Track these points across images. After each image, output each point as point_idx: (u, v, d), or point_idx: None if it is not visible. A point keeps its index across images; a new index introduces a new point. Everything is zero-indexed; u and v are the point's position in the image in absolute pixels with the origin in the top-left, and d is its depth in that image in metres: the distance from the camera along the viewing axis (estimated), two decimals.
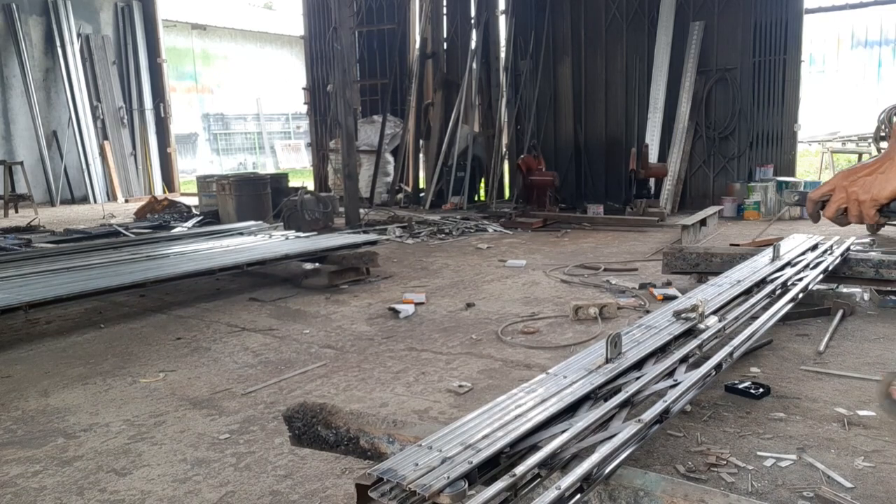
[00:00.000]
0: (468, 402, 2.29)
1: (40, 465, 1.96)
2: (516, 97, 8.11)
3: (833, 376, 2.37)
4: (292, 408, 1.69)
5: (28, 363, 2.92)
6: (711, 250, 3.62)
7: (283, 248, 4.37)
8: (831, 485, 1.66)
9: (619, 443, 1.35)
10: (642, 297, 3.62)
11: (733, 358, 1.99)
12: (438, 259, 5.01)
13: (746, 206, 6.60)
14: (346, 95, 6.27)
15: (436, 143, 8.45)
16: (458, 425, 1.46)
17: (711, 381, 1.92)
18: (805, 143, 9.61)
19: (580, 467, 1.25)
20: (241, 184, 6.92)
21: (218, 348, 3.02)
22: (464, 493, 1.21)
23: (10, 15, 10.15)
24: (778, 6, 6.69)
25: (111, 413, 2.32)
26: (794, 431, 1.96)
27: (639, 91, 7.47)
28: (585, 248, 5.27)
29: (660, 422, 1.52)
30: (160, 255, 4.23)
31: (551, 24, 7.85)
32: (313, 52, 9.89)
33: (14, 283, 3.48)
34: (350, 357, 2.84)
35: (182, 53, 16.82)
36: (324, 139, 9.86)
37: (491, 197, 7.95)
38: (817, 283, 2.96)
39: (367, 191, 8.55)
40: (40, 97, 10.54)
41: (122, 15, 11.49)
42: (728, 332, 2.22)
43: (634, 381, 1.70)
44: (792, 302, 2.54)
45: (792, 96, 6.82)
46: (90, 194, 10.89)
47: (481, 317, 3.40)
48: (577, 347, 2.80)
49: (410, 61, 8.90)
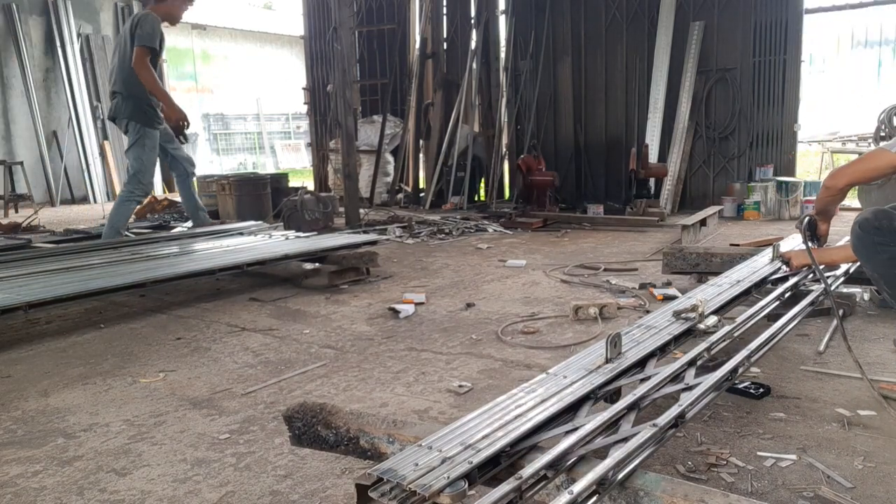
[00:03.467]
0: (468, 402, 2.29)
1: (40, 465, 1.96)
2: (516, 97, 8.11)
3: (833, 376, 2.37)
4: (292, 408, 1.69)
5: (28, 363, 2.92)
6: (711, 250, 3.62)
7: (283, 248, 4.37)
8: (831, 485, 1.66)
9: (633, 447, 1.34)
10: (642, 297, 3.62)
11: (750, 362, 1.96)
12: (438, 259, 5.01)
13: (746, 206, 6.60)
14: (346, 95, 6.27)
15: (436, 143, 8.45)
16: (458, 425, 1.46)
17: (727, 386, 1.90)
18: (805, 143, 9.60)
19: (594, 471, 1.24)
20: (241, 184, 6.92)
21: (218, 348, 3.02)
22: (464, 493, 1.21)
23: (10, 15, 10.15)
24: (778, 6, 6.69)
25: (111, 413, 2.32)
26: (794, 431, 1.96)
27: (639, 91, 7.47)
28: (585, 248, 5.27)
29: (675, 426, 1.51)
30: (160, 255, 4.23)
31: (551, 24, 7.85)
32: (313, 52, 9.89)
33: (14, 283, 3.48)
34: (350, 357, 2.84)
35: (182, 53, 16.81)
36: (324, 139, 9.86)
37: (491, 197, 7.95)
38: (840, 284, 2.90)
39: (367, 191, 8.55)
40: (40, 97, 10.55)
41: (122, 15, 11.49)
42: (737, 336, 2.20)
43: (640, 384, 1.69)
44: (812, 305, 2.51)
45: (792, 96, 6.82)
46: (90, 194, 10.89)
47: (481, 317, 3.40)
48: (577, 347, 2.80)
49: (410, 61, 8.90)
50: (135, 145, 5.05)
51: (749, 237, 5.35)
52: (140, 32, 4.86)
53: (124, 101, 5.01)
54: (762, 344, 2.03)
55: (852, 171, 2.47)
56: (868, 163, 2.39)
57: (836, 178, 2.51)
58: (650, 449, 1.40)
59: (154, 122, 5.09)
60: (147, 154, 5.08)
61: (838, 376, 2.37)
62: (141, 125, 5.02)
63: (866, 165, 2.41)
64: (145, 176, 5.10)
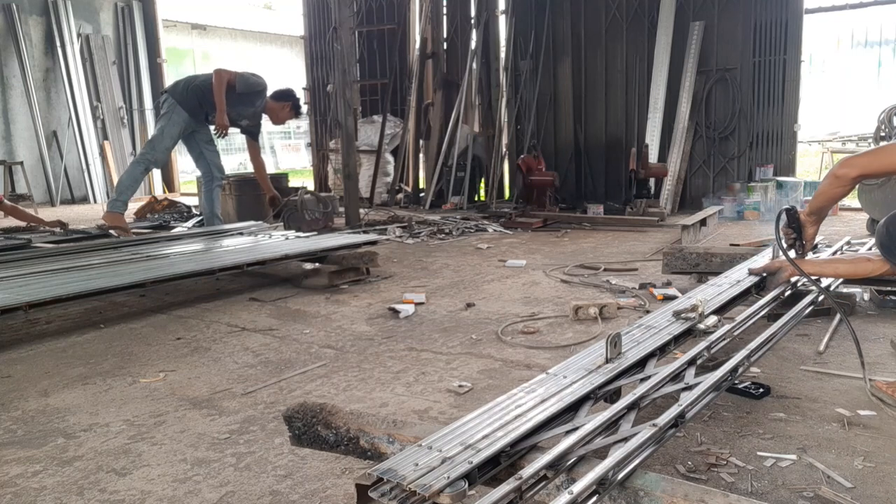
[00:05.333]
0: (468, 402, 2.29)
1: (40, 465, 1.96)
2: (516, 97, 8.11)
3: (833, 376, 2.37)
4: (292, 408, 1.69)
5: (28, 363, 2.92)
6: (711, 250, 3.61)
7: (283, 248, 4.37)
8: (831, 485, 1.66)
9: (634, 446, 1.34)
10: (642, 297, 3.62)
11: (750, 362, 1.96)
12: (438, 259, 5.01)
13: (746, 206, 6.60)
14: (346, 95, 6.27)
15: (436, 143, 8.45)
16: (458, 425, 1.46)
17: (727, 385, 1.89)
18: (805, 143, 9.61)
19: (594, 471, 1.24)
20: (242, 184, 6.91)
21: (218, 348, 3.02)
22: (464, 493, 1.21)
23: (10, 15, 10.15)
24: (778, 6, 6.70)
25: (111, 413, 2.32)
26: (794, 431, 1.96)
27: (639, 91, 7.47)
28: (585, 248, 5.27)
29: (675, 426, 1.51)
30: (160, 255, 4.23)
31: (551, 24, 7.85)
32: (313, 52, 9.89)
33: (14, 283, 3.48)
34: (350, 357, 2.84)
35: (182, 53, 16.81)
36: (324, 139, 9.86)
37: (491, 197, 7.95)
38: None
39: (367, 191, 8.55)
40: (40, 97, 10.54)
41: (122, 15, 11.48)
42: (737, 335, 2.20)
43: (640, 384, 1.69)
44: (812, 305, 2.50)
45: (792, 96, 6.82)
46: (90, 194, 10.89)
47: (481, 317, 3.40)
48: (577, 347, 2.80)
49: (410, 61, 8.90)
50: (163, 116, 5.62)
51: (749, 237, 5.35)
52: (247, 74, 5.65)
53: (185, 87, 5.61)
54: (762, 344, 2.03)
55: (866, 161, 2.29)
56: (883, 157, 2.25)
57: (848, 166, 2.30)
58: (650, 449, 1.40)
59: (191, 110, 5.58)
60: (169, 128, 5.57)
61: (838, 376, 2.37)
62: (176, 102, 5.55)
63: (881, 160, 2.25)
64: (161, 143, 5.61)
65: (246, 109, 5.66)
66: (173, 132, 5.59)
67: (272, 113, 5.78)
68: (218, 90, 5.45)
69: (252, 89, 5.60)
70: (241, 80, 5.55)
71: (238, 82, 5.53)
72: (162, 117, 5.63)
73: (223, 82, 5.47)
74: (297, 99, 5.93)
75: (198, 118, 5.63)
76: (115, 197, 5.62)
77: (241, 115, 5.68)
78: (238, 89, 5.53)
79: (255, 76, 5.67)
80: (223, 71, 5.55)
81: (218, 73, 5.52)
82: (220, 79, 5.48)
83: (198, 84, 5.56)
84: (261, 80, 5.68)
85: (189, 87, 5.58)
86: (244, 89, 5.55)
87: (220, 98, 5.45)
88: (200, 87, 5.54)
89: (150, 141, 5.76)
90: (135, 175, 5.69)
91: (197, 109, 5.58)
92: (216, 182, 5.91)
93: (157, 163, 5.91)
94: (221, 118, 5.48)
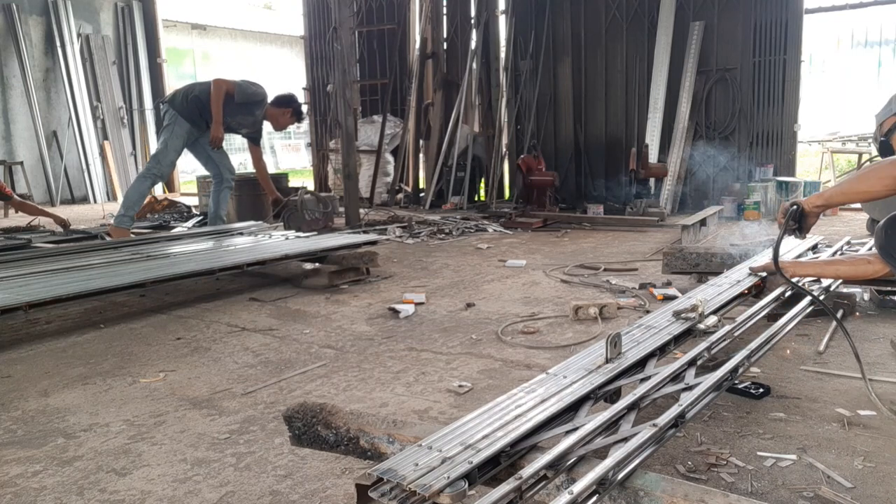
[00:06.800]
0: (468, 402, 2.29)
1: (40, 465, 1.96)
2: (516, 97, 8.11)
3: (833, 376, 2.37)
4: (292, 408, 1.69)
5: (28, 363, 2.92)
6: (711, 250, 3.62)
7: (283, 248, 4.37)
8: (831, 485, 1.66)
9: (634, 447, 1.34)
10: (642, 297, 3.62)
11: (750, 362, 1.96)
12: (438, 259, 5.01)
13: (746, 206, 6.60)
14: (346, 95, 6.27)
15: (436, 143, 8.45)
16: (458, 425, 1.46)
17: (727, 385, 1.89)
18: (805, 143, 9.60)
19: (594, 471, 1.24)
20: (241, 184, 6.90)
21: (218, 348, 3.02)
22: (464, 493, 1.21)
23: (10, 15, 10.15)
24: (778, 6, 6.69)
25: (111, 413, 2.32)
26: (794, 431, 1.96)
27: (639, 91, 7.47)
28: (585, 248, 5.27)
29: (675, 426, 1.51)
30: (160, 255, 4.23)
31: (551, 24, 7.85)
32: (313, 52, 9.89)
33: (14, 283, 3.48)
34: (350, 357, 2.84)
35: (182, 53, 16.82)
36: (324, 139, 9.86)
37: (491, 197, 7.95)
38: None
39: (367, 191, 8.55)
40: (40, 97, 10.54)
41: (122, 15, 11.48)
42: (737, 335, 2.20)
43: (640, 384, 1.69)
44: (812, 305, 2.50)
45: (792, 96, 6.82)
46: (90, 194, 10.89)
47: (481, 317, 3.40)
48: (577, 347, 2.80)
49: (410, 61, 8.90)
50: (165, 129, 5.58)
51: (749, 237, 5.34)
52: (246, 84, 5.55)
53: (184, 97, 5.55)
54: (762, 344, 2.04)
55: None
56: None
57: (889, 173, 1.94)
58: (650, 449, 1.40)
59: (192, 120, 5.53)
60: (173, 140, 5.54)
61: (838, 376, 2.37)
62: (177, 113, 5.50)
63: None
64: (166, 157, 5.58)
65: (245, 119, 5.60)
66: (177, 145, 5.56)
67: (273, 119, 5.73)
68: (216, 102, 5.38)
69: (251, 99, 5.53)
70: (239, 89, 5.46)
71: (237, 92, 5.45)
72: (164, 129, 5.58)
73: (221, 93, 5.40)
74: (299, 104, 5.87)
75: (199, 127, 5.58)
76: (122, 212, 5.56)
77: (240, 125, 5.63)
78: (237, 99, 5.46)
79: (255, 85, 5.59)
80: (222, 81, 5.48)
81: (216, 82, 5.45)
82: (218, 89, 5.40)
83: (196, 94, 5.50)
84: (260, 89, 5.59)
85: (188, 96, 5.51)
86: (243, 99, 5.49)
87: (217, 110, 5.39)
88: (199, 97, 5.48)
89: (155, 155, 5.73)
90: (141, 190, 5.66)
91: (198, 119, 5.53)
92: (226, 184, 5.88)
93: (163, 177, 5.85)
94: (216, 130, 5.44)
